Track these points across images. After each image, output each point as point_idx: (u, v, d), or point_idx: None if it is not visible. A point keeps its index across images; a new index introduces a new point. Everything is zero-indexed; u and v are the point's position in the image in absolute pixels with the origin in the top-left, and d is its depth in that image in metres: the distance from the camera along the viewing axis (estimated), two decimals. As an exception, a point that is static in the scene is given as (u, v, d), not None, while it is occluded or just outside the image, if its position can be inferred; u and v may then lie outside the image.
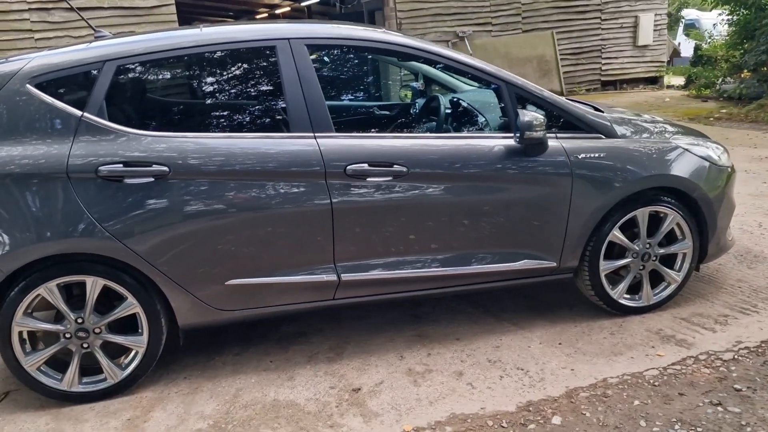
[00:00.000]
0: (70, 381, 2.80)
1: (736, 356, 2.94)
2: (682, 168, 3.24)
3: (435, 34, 11.99)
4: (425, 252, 3.03)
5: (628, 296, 3.38)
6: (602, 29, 13.46)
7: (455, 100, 3.50)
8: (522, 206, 3.07)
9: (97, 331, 2.78)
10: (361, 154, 2.86)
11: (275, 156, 2.79)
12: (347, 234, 2.90)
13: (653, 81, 14.29)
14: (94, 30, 3.27)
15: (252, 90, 3.01)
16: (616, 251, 3.31)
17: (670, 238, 3.36)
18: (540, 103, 3.14)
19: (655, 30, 13.91)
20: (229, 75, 3.03)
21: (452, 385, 2.83)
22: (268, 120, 2.94)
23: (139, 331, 2.83)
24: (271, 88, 2.94)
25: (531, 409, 2.63)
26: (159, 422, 2.68)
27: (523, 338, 3.21)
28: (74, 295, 2.79)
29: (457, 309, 3.58)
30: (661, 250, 3.34)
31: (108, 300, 2.81)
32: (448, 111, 3.38)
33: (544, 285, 3.40)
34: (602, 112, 3.44)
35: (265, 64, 2.95)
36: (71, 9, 3.40)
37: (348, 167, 2.83)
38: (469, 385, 2.82)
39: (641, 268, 3.34)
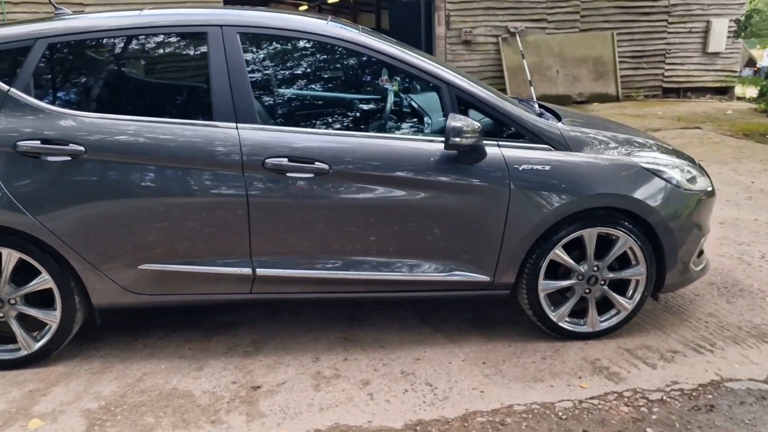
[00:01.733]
0: (-15, 347, 2.88)
1: (664, 397, 2.71)
2: (636, 189, 2.99)
3: (485, 28, 11.68)
4: (347, 254, 2.94)
5: (571, 320, 3.17)
6: (668, 33, 12.73)
7: (405, 99, 3.36)
8: (454, 216, 2.92)
9: (12, 301, 2.85)
10: (281, 148, 2.79)
11: (194, 143, 2.76)
12: (264, 229, 2.85)
13: (722, 91, 13.42)
14: (55, 7, 3.33)
15: (179, 75, 2.99)
16: (561, 271, 3.11)
17: (624, 263, 3.12)
18: (484, 108, 2.97)
19: (728, 37, 13.04)
20: (159, 59, 3.02)
21: (352, 394, 2.74)
22: (192, 106, 2.92)
23: (54, 306, 2.87)
24: (198, 74, 2.92)
25: (418, 428, 2.51)
26: (56, 397, 2.72)
27: (448, 353, 3.07)
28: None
29: (396, 315, 3.46)
30: (611, 275, 3.11)
31: (29, 274, 2.86)
32: (394, 110, 3.25)
33: (495, 300, 3.23)
34: (559, 121, 3.22)
35: (195, 50, 2.93)
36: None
37: (267, 161, 2.77)
38: (369, 396, 2.72)
39: (587, 291, 3.12)
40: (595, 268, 3.08)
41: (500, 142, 2.95)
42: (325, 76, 3.18)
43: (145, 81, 3.00)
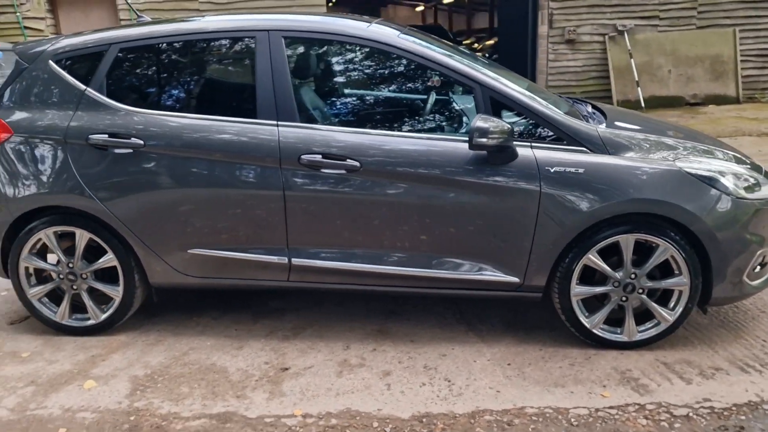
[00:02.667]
0: (62, 314, 3.29)
1: (691, 414, 2.58)
2: (677, 195, 2.86)
3: (590, 27, 11.27)
4: (378, 248, 3.05)
5: (607, 328, 3.08)
6: (801, 28, 11.63)
7: (446, 99, 3.41)
8: (483, 215, 2.94)
9: (84, 276, 3.23)
10: (316, 145, 2.95)
11: (239, 139, 2.99)
12: (299, 221, 3.03)
13: None
14: (138, 15, 3.71)
15: (230, 76, 3.24)
16: (597, 277, 3.04)
17: (666, 272, 3.00)
18: (517, 109, 2.97)
19: None
20: (213, 61, 3.29)
21: (370, 383, 2.85)
22: (239, 105, 3.14)
23: (117, 282, 3.22)
24: (246, 75, 3.13)
25: (424, 420, 2.58)
26: (112, 363, 3.06)
27: (476, 352, 3.10)
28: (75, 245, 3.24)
29: (434, 312, 3.53)
30: (650, 283, 2.99)
31: (98, 252, 3.23)
32: (433, 110, 3.31)
33: (535, 304, 3.19)
34: (599, 123, 3.14)
35: (245, 53, 3.15)
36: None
37: (302, 157, 2.94)
38: (387, 386, 2.82)
39: (623, 299, 3.03)
40: (633, 276, 2.98)
41: (533, 144, 2.93)
42: (362, 76, 3.31)
43: (198, 81, 3.28)
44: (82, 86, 3.13)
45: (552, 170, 2.88)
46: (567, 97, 4.05)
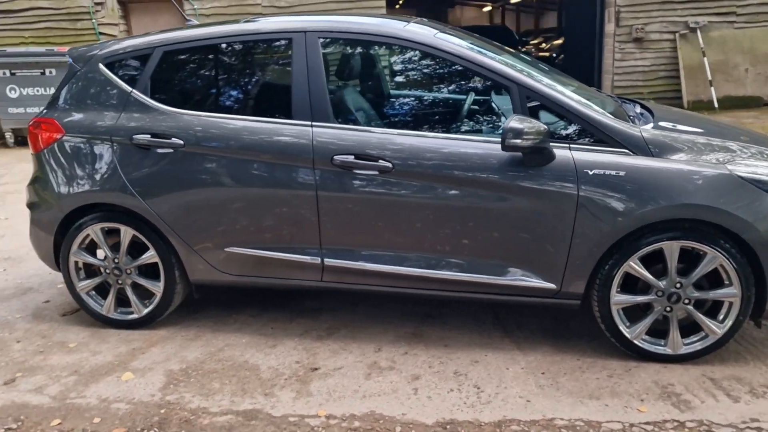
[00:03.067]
0: (108, 308, 3.42)
1: (734, 434, 2.42)
2: (727, 201, 2.69)
3: (659, 24, 10.81)
4: (410, 250, 3.02)
5: (650, 339, 2.94)
6: None
7: (486, 100, 3.33)
8: (519, 219, 2.86)
9: (128, 271, 3.35)
10: (349, 146, 2.95)
11: (274, 140, 3.03)
12: (331, 221, 3.03)
13: None
14: (186, 19, 3.81)
15: (267, 78, 3.28)
16: (640, 285, 2.90)
17: (715, 282, 2.83)
18: (555, 109, 2.87)
19: None
20: (251, 63, 3.33)
21: (398, 387, 2.82)
22: (275, 105, 3.16)
23: (159, 278, 3.32)
24: (283, 76, 3.16)
25: (448, 427, 2.52)
26: (151, 356, 3.16)
27: (510, 359, 3.02)
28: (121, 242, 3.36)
29: (471, 316, 3.46)
30: (696, 294, 2.83)
31: (142, 249, 3.33)
32: (471, 111, 3.24)
33: (576, 312, 3.07)
34: (646, 123, 2.99)
35: (282, 54, 3.18)
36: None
37: (335, 157, 2.95)
38: (414, 390, 2.79)
39: (668, 310, 2.87)
40: (678, 285, 2.82)
41: (572, 145, 2.83)
42: (396, 76, 3.28)
43: (235, 82, 3.33)
44: (129, 88, 3.25)
45: (591, 173, 2.77)
46: (617, 97, 3.90)
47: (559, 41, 19.17)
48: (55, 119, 3.33)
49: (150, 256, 3.29)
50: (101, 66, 3.31)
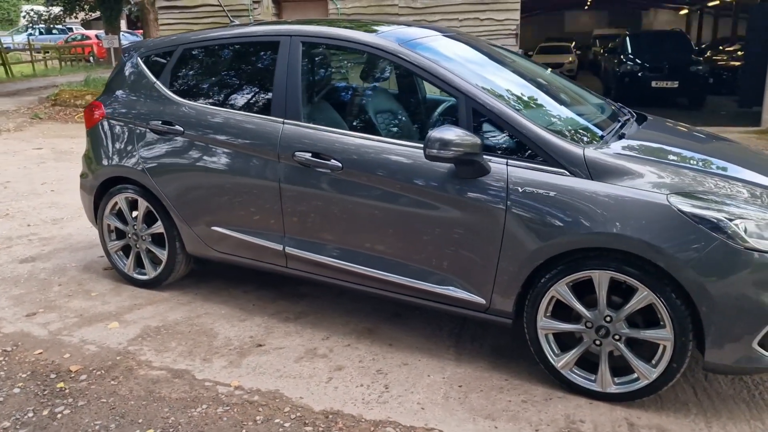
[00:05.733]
0: (129, 267, 3.99)
1: (605, 483, 2.26)
2: (659, 236, 2.46)
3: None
4: (355, 247, 3.15)
5: (580, 372, 2.79)
6: None
7: (448, 109, 3.32)
8: (449, 229, 2.87)
9: (144, 238, 3.87)
10: (309, 144, 3.16)
11: (251, 132, 3.33)
12: (291, 213, 3.27)
13: None
14: (230, 20, 4.25)
15: (258, 75, 3.57)
16: (574, 314, 2.77)
17: (651, 321, 2.61)
18: (497, 121, 2.82)
19: None
20: (247, 62, 3.64)
21: (316, 374, 2.98)
22: (260, 102, 3.45)
23: (164, 247, 3.80)
24: (268, 75, 3.43)
25: (330, 417, 2.65)
26: (142, 312, 3.64)
27: (439, 368, 3.03)
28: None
29: (437, 323, 3.48)
30: (627, 330, 2.64)
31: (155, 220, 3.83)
32: (425, 119, 3.26)
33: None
34: (608, 141, 2.83)
35: (270, 55, 3.45)
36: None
37: (296, 153, 3.18)
38: (329, 380, 2.93)
39: (597, 343, 2.71)
40: (608, 319, 2.65)
41: (510, 160, 2.77)
42: (362, 80, 3.39)
43: (231, 78, 3.67)
44: (154, 79, 3.75)
45: (521, 190, 2.70)
46: (630, 110, 3.65)
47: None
48: (101, 102, 3.94)
49: (158, 226, 3.77)
50: (139, 59, 3.86)
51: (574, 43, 28.48)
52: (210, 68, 3.72)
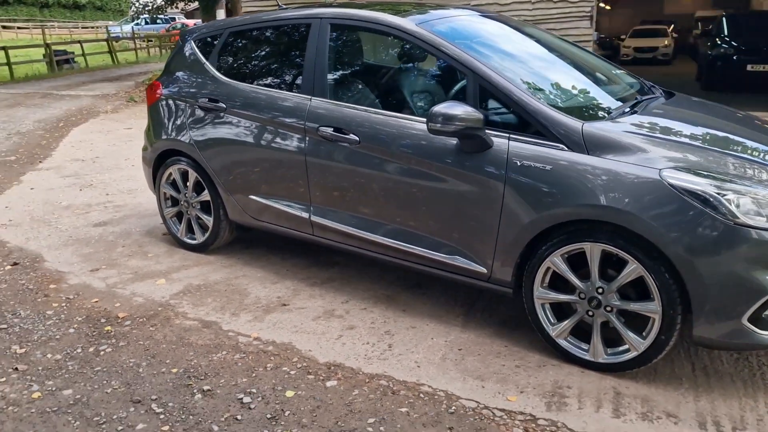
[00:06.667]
0: (182, 232, 4.38)
1: (574, 442, 2.38)
2: (649, 209, 2.51)
3: None
4: (373, 217, 3.36)
5: (574, 342, 2.88)
6: None
7: (459, 84, 3.42)
8: (455, 201, 3.01)
9: (194, 205, 4.25)
10: (332, 119, 3.39)
11: (283, 108, 3.60)
12: (316, 184, 3.51)
13: None
14: (279, 6, 4.54)
15: (291, 55, 3.82)
16: (570, 285, 2.85)
17: (643, 294, 2.67)
18: (500, 98, 2.93)
19: None
20: (282, 43, 3.90)
21: (329, 331, 3.23)
22: (292, 80, 3.71)
23: (210, 214, 4.17)
24: (300, 55, 3.68)
25: (332, 368, 2.89)
26: (189, 272, 4.02)
27: (444, 332, 3.19)
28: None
29: (453, 294, 3.63)
30: (618, 302, 2.70)
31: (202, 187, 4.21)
32: (439, 95, 3.39)
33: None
34: (618, 116, 2.89)
35: (302, 37, 3.68)
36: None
37: (320, 128, 3.42)
38: (339, 337, 3.18)
39: (590, 314, 2.79)
40: (600, 290, 2.73)
41: (512, 135, 2.88)
42: (384, 59, 3.55)
43: (269, 59, 3.94)
44: (204, 60, 4.10)
45: (519, 163, 2.81)
46: (652, 84, 3.64)
47: None
48: (160, 82, 4.34)
49: (205, 195, 4.14)
50: (193, 42, 4.22)
51: (672, 26, 27.09)
52: (250, 49, 4.02)
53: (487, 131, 2.88)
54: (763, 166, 2.69)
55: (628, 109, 3.09)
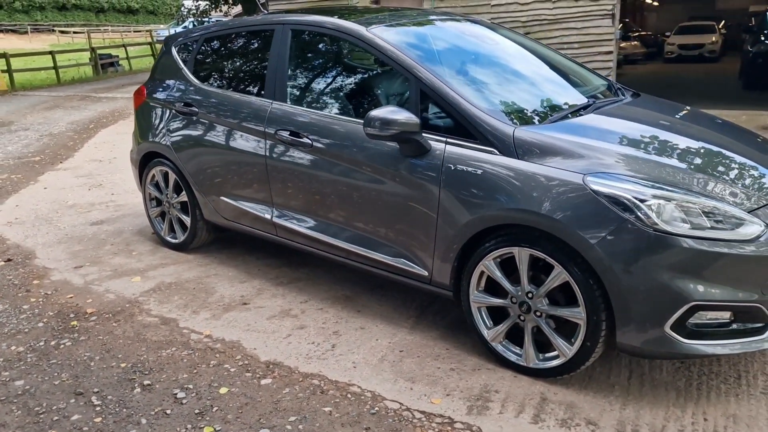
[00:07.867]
0: (165, 231, 4.54)
1: (484, 446, 2.39)
2: (570, 214, 2.49)
3: None
4: (327, 220, 3.42)
5: (508, 346, 2.88)
6: None
7: (397, 90, 3.43)
8: (395, 204, 3.04)
9: (174, 205, 4.40)
10: (289, 122, 3.47)
11: (247, 112, 3.71)
12: (276, 186, 3.60)
13: None
14: (261, 10, 4.65)
15: (256, 60, 3.90)
16: (503, 289, 2.86)
17: (571, 299, 2.65)
18: (440, 102, 2.94)
19: None
20: (249, 49, 3.99)
21: (279, 329, 3.30)
22: (258, 85, 3.80)
23: (188, 213, 4.31)
24: (265, 61, 3.76)
25: (271, 366, 2.96)
26: (165, 270, 4.17)
27: (390, 334, 3.23)
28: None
29: (411, 296, 3.65)
30: (546, 307, 2.69)
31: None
32: (382, 98, 3.41)
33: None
34: (555, 119, 2.87)
35: (267, 43, 3.77)
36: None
37: (278, 132, 3.51)
38: (287, 336, 3.25)
39: (521, 319, 2.79)
40: (529, 295, 2.72)
41: (449, 139, 2.90)
42: (339, 64, 3.60)
43: (234, 64, 4.03)
44: (182, 65, 4.24)
45: (453, 167, 2.83)
46: (620, 87, 3.60)
47: None
48: (144, 86, 4.51)
49: (183, 195, 4.28)
50: (173, 48, 4.37)
51: (723, 22, 26.16)
52: (221, 55, 4.14)
53: (424, 135, 2.91)
54: (704, 172, 2.63)
55: (571, 114, 3.05)
